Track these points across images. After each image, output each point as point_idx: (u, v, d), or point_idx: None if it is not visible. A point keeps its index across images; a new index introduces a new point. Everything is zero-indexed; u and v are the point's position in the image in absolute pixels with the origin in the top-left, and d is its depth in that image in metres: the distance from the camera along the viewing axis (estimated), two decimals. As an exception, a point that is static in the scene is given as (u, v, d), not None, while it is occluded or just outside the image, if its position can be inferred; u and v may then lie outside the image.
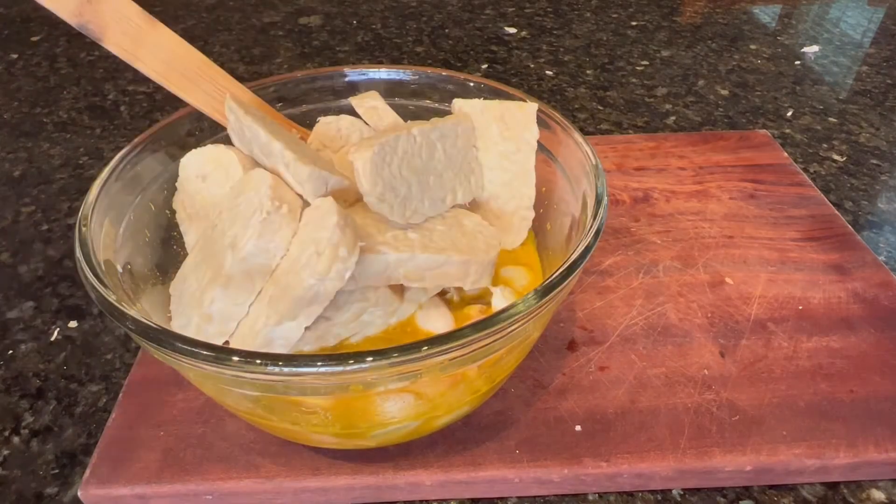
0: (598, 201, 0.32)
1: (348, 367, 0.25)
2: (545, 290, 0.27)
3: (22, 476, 0.36)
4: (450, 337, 0.25)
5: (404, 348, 0.25)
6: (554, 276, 0.28)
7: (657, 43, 0.85)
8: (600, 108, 0.70)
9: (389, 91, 0.43)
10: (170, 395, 0.37)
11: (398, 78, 0.43)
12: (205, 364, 0.25)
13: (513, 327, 0.27)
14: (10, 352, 0.43)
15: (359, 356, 0.25)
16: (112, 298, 0.27)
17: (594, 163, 0.35)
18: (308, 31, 0.88)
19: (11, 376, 0.42)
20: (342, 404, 0.30)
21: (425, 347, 0.25)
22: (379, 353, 0.25)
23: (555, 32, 0.88)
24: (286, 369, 0.25)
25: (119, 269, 0.32)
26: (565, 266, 0.29)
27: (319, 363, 0.25)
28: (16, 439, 0.38)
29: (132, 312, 0.27)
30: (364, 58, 0.81)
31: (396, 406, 0.30)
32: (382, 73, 0.43)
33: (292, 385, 0.26)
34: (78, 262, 0.29)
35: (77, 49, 0.83)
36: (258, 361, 0.25)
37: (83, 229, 0.30)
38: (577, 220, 0.35)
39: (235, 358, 0.25)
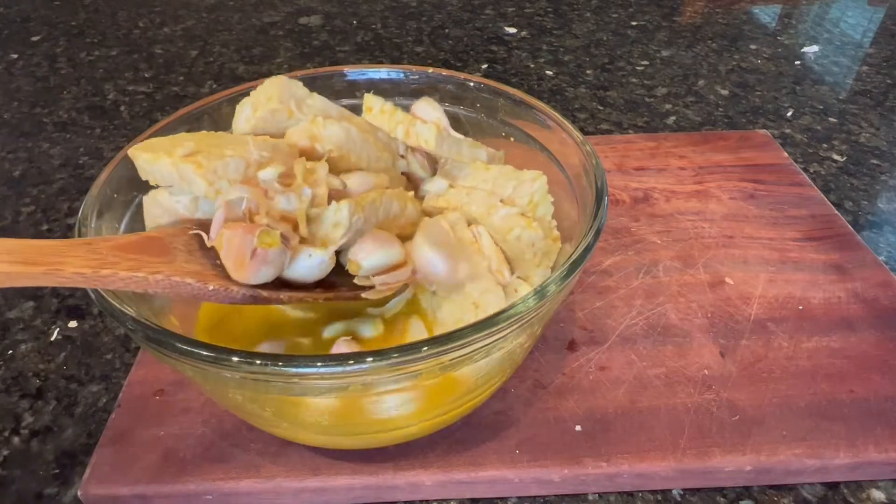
0: (598, 201, 0.32)
1: (348, 367, 0.25)
2: (544, 291, 0.27)
3: (22, 476, 0.36)
4: (450, 337, 0.25)
5: (404, 348, 0.25)
6: (554, 276, 0.28)
7: (657, 43, 0.85)
8: (600, 108, 0.70)
9: (389, 91, 0.43)
10: (170, 395, 0.37)
11: (398, 78, 0.43)
12: (204, 364, 0.25)
13: (512, 328, 0.27)
14: (10, 352, 0.43)
15: (359, 356, 0.25)
16: (112, 298, 0.27)
17: (594, 162, 0.35)
18: (308, 31, 0.88)
19: (11, 376, 0.42)
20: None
21: (425, 348, 0.25)
22: (378, 354, 0.25)
23: (555, 32, 0.88)
24: (286, 369, 0.25)
25: None
26: (565, 266, 0.29)
27: (319, 363, 0.25)
28: (16, 439, 0.38)
29: (132, 312, 0.27)
30: (364, 58, 0.81)
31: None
32: (382, 72, 0.43)
33: (292, 385, 0.26)
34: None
35: (77, 49, 0.83)
36: (258, 362, 0.25)
37: (83, 230, 0.31)
38: (577, 219, 0.35)
39: (235, 358, 0.25)
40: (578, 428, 0.36)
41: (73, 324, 0.45)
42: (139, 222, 0.35)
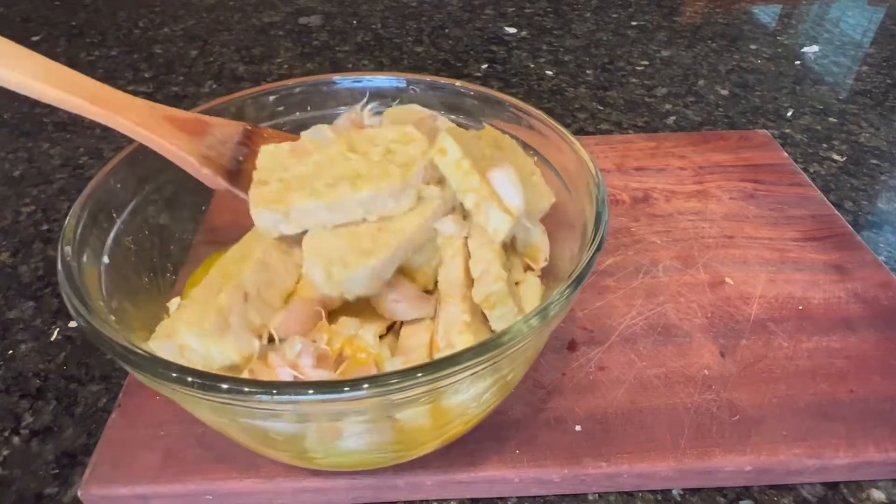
0: (598, 218, 0.32)
1: (343, 395, 0.24)
2: (546, 311, 0.27)
3: (22, 476, 0.36)
4: (448, 361, 0.25)
5: (401, 373, 0.24)
6: (554, 296, 0.27)
7: (657, 43, 0.85)
8: (600, 108, 0.70)
9: (387, 96, 0.42)
10: (170, 396, 0.37)
11: (395, 86, 0.42)
12: (193, 391, 0.24)
13: (515, 348, 0.26)
14: (10, 352, 0.43)
15: (354, 383, 0.24)
16: (98, 325, 0.26)
17: (593, 171, 0.34)
18: (308, 31, 0.88)
19: (11, 376, 0.42)
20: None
21: (419, 374, 0.24)
22: (374, 380, 0.24)
23: (555, 32, 0.88)
24: (277, 398, 0.24)
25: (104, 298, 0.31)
26: (567, 284, 0.28)
27: (311, 391, 0.24)
28: (16, 439, 0.38)
29: (121, 340, 0.26)
30: (364, 58, 0.81)
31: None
32: (379, 80, 0.42)
33: (283, 413, 0.26)
34: (60, 278, 0.28)
35: (77, 49, 0.83)
36: (245, 389, 0.24)
37: (66, 247, 0.30)
38: (577, 228, 0.35)
39: (224, 385, 0.24)
40: (578, 428, 0.36)
41: (73, 324, 0.45)
42: (137, 224, 0.35)
